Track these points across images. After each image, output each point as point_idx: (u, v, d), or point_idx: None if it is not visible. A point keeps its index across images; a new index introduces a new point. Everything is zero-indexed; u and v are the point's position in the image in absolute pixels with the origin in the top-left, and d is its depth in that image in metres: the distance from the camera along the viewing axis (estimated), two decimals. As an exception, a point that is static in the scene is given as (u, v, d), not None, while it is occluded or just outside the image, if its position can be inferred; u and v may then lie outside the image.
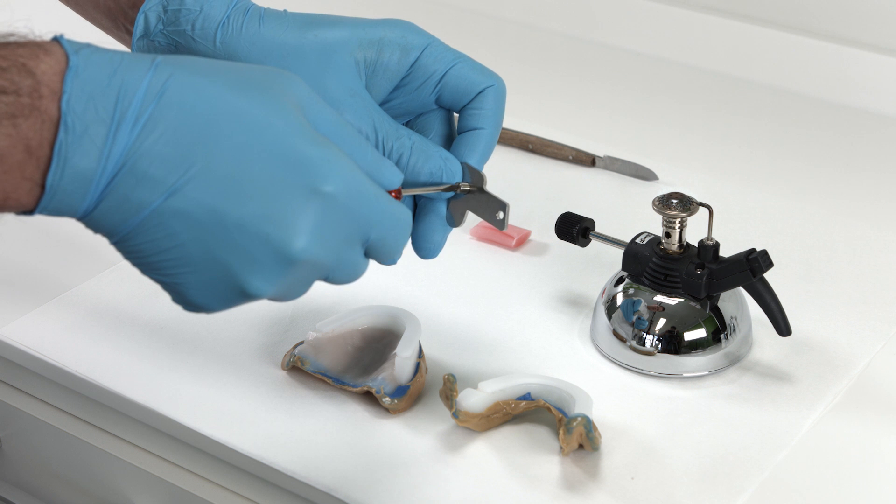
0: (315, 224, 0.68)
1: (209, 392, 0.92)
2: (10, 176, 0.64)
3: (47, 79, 0.64)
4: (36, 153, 0.64)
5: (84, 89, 0.64)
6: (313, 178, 0.68)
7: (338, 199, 0.68)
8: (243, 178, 0.67)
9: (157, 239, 0.67)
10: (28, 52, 0.64)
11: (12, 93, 0.63)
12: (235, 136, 0.67)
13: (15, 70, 0.63)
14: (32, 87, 0.63)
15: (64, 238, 1.06)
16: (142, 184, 0.65)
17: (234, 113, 0.67)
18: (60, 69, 0.64)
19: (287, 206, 0.67)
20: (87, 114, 0.64)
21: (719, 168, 1.20)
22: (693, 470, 0.85)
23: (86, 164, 0.64)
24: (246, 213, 0.67)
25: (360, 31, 0.81)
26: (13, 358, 0.98)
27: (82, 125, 0.64)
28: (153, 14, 0.81)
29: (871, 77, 1.30)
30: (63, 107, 0.64)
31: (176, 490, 0.92)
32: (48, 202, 0.65)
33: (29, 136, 0.63)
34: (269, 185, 0.67)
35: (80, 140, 0.64)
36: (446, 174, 0.80)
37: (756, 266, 0.90)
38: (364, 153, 0.72)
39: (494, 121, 0.82)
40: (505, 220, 0.80)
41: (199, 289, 0.68)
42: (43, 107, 0.63)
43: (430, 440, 0.88)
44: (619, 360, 0.94)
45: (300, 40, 0.80)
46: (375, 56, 0.81)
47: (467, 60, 0.82)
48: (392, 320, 0.94)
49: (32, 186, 0.64)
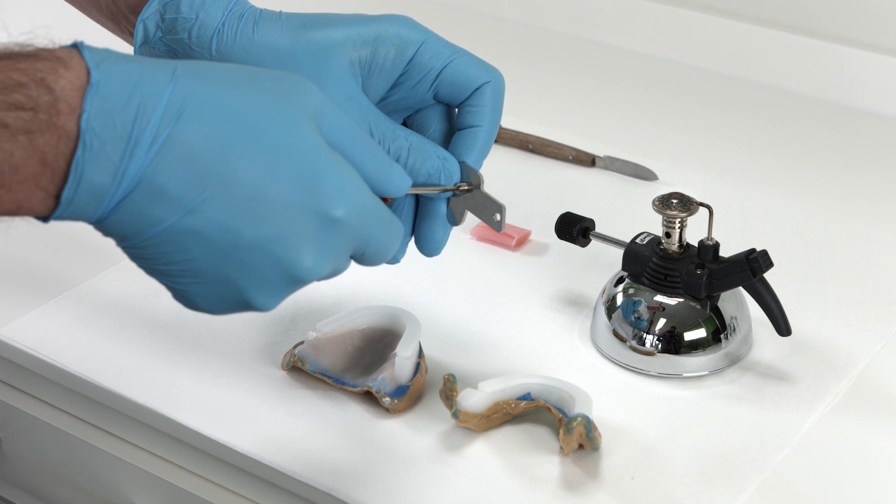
0: (322, 246, 0.69)
1: (209, 392, 0.92)
2: (25, 186, 0.63)
3: (66, 94, 0.63)
4: (51, 166, 0.63)
5: (103, 106, 0.64)
6: (326, 202, 0.68)
7: (346, 223, 0.69)
8: (259, 200, 0.67)
9: (168, 252, 0.67)
10: (47, 67, 0.63)
11: (30, 109, 0.62)
12: (254, 158, 0.67)
13: (33, 85, 0.62)
14: (51, 103, 0.63)
15: (64, 238, 1.06)
16: (157, 201, 0.65)
17: (252, 134, 0.67)
18: (80, 84, 0.63)
19: (299, 229, 0.68)
20: (106, 131, 0.64)
21: (719, 168, 1.20)
22: (693, 470, 0.85)
23: (101, 179, 0.64)
24: (259, 234, 0.67)
25: (355, 31, 0.81)
26: (13, 358, 0.98)
27: (100, 143, 0.64)
28: (151, 22, 0.81)
29: (870, 77, 1.30)
30: (83, 125, 0.63)
31: (176, 490, 0.92)
32: (62, 213, 0.65)
33: (45, 151, 0.63)
34: (283, 208, 0.67)
35: (96, 157, 0.64)
36: (444, 175, 0.80)
37: (756, 266, 0.90)
38: (374, 159, 0.72)
39: (492, 117, 0.82)
40: (502, 222, 0.80)
41: (203, 297, 0.69)
42: (61, 123, 0.63)
43: (430, 440, 0.88)
44: (619, 360, 0.94)
45: (294, 45, 0.80)
46: (371, 56, 0.80)
47: (465, 55, 0.82)
48: (392, 320, 0.94)
49: (46, 197, 0.64)
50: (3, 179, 0.63)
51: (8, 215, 0.65)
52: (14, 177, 0.63)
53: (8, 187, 0.63)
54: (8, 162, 0.62)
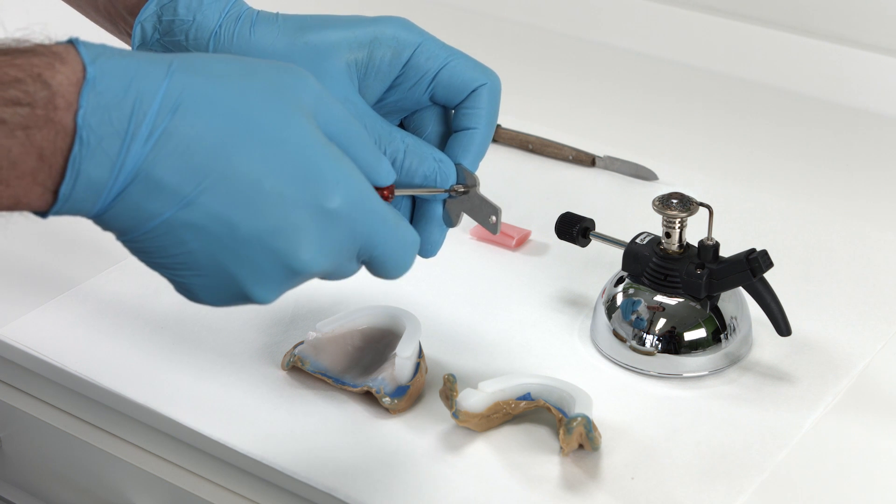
0: (320, 239, 0.69)
1: (209, 392, 0.92)
2: (23, 182, 0.64)
3: (63, 90, 0.63)
4: (49, 161, 0.64)
5: (99, 102, 0.64)
6: (322, 194, 0.68)
7: (342, 214, 0.69)
8: (256, 192, 0.67)
9: (166, 245, 0.67)
10: (44, 63, 0.63)
11: (27, 104, 0.62)
12: (250, 151, 0.67)
13: (30, 81, 0.63)
14: (48, 98, 0.63)
15: (64, 237, 1.06)
16: (154, 194, 0.65)
17: (249, 127, 0.67)
18: (76, 79, 0.64)
19: (296, 221, 0.68)
20: (102, 127, 0.64)
21: (719, 168, 1.20)
22: (693, 470, 0.85)
23: (98, 174, 0.64)
24: (256, 227, 0.67)
25: (351, 33, 0.80)
26: (13, 358, 0.98)
27: (97, 138, 0.64)
28: (149, 24, 0.81)
29: (870, 77, 1.30)
30: (79, 121, 0.63)
31: (176, 490, 0.92)
32: (60, 208, 0.65)
33: (43, 146, 0.63)
34: (280, 201, 0.67)
35: (93, 152, 0.64)
36: (440, 177, 0.80)
37: (756, 266, 0.90)
38: (365, 151, 0.73)
39: (488, 120, 0.82)
40: (497, 224, 0.80)
41: (204, 289, 0.69)
42: (58, 118, 0.63)
43: (430, 440, 0.88)
44: (619, 360, 0.94)
45: (290, 48, 0.80)
46: (367, 58, 0.80)
47: (460, 58, 0.82)
48: (392, 320, 0.94)
49: (44, 192, 0.64)
50: (2, 175, 0.63)
51: (6, 210, 0.65)
52: (12, 172, 0.63)
53: (6, 183, 0.63)
54: (6, 157, 0.62)
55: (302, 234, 0.68)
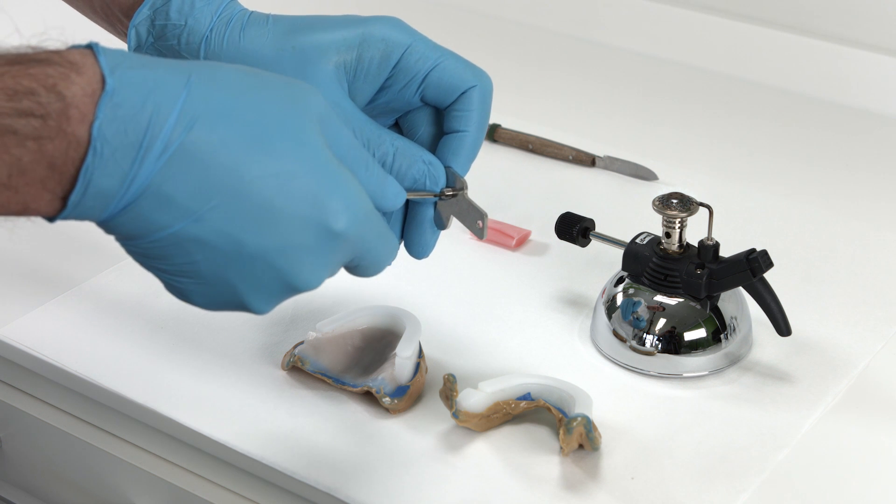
0: (322, 259, 0.69)
1: (209, 392, 0.92)
2: (32, 188, 0.63)
3: (77, 101, 0.63)
4: (59, 170, 0.63)
5: (116, 114, 0.63)
6: (330, 216, 0.68)
7: (346, 236, 0.69)
8: (266, 212, 0.67)
9: (171, 255, 0.67)
10: (59, 73, 0.62)
11: (40, 116, 0.62)
12: (264, 169, 0.67)
13: (44, 92, 0.62)
14: (61, 110, 0.62)
15: (65, 238, 1.06)
16: (163, 208, 0.65)
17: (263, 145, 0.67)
18: (92, 90, 0.63)
19: (302, 242, 0.68)
20: (117, 138, 0.63)
21: (719, 168, 1.20)
22: (693, 470, 0.85)
23: (109, 184, 0.64)
24: (263, 245, 0.67)
25: (340, 35, 0.80)
26: (13, 358, 0.98)
27: (111, 150, 0.63)
28: (143, 28, 0.81)
29: (870, 77, 1.30)
30: (94, 132, 0.63)
31: (176, 490, 0.92)
32: (68, 214, 0.65)
33: (54, 156, 0.63)
34: (289, 220, 0.67)
35: (106, 163, 0.64)
36: (430, 180, 0.79)
37: (756, 266, 0.90)
38: (370, 173, 0.73)
39: (479, 123, 0.81)
40: (484, 230, 0.80)
41: (199, 295, 0.69)
42: (71, 129, 0.63)
43: (430, 440, 0.88)
44: (619, 360, 0.94)
45: (279, 53, 0.79)
46: (356, 60, 0.80)
47: (451, 59, 0.81)
48: (392, 320, 0.94)
49: (53, 199, 0.64)
50: (11, 182, 0.63)
51: (15, 215, 0.65)
52: (21, 180, 0.63)
53: (15, 189, 0.63)
54: (16, 166, 0.62)
55: (305, 255, 0.68)
